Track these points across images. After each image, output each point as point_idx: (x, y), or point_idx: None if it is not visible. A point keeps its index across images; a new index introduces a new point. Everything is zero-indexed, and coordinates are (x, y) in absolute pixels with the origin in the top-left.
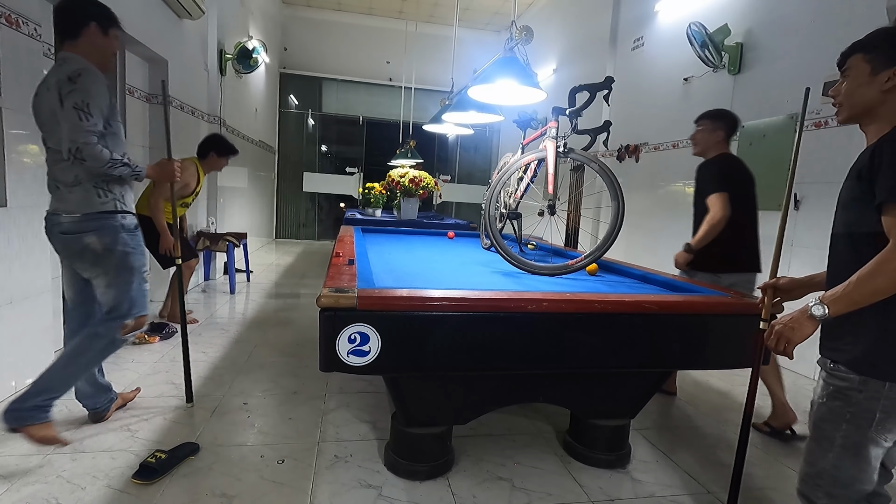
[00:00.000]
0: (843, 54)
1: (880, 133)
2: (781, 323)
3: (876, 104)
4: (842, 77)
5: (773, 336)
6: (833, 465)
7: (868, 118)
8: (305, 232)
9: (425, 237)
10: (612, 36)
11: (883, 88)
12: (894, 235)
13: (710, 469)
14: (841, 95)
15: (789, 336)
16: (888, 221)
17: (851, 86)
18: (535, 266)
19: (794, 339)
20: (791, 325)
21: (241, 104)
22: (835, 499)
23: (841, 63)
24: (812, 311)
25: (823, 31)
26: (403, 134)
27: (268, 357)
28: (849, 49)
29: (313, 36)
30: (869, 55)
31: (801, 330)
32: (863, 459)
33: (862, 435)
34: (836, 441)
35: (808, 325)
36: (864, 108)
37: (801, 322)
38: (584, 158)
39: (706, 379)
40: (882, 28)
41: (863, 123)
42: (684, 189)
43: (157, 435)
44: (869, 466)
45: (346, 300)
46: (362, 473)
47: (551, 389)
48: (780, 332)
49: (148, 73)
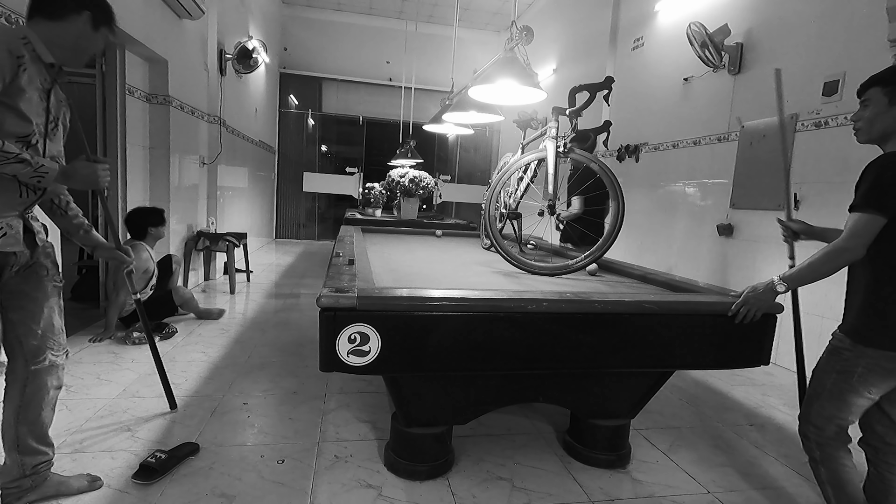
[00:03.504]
0: (862, 85)
1: None
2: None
3: (892, 130)
4: (861, 105)
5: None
6: (820, 403)
7: (884, 140)
8: (305, 232)
9: (425, 237)
10: (612, 36)
11: None
12: (847, 232)
13: (710, 469)
14: (862, 121)
15: (755, 304)
16: (850, 219)
17: (871, 114)
18: (535, 266)
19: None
20: (758, 295)
21: (241, 104)
22: (818, 428)
23: (861, 93)
24: (777, 287)
25: (823, 31)
26: (403, 134)
27: (268, 357)
28: (868, 81)
29: (313, 36)
30: (886, 88)
31: (765, 300)
32: (843, 402)
33: (846, 383)
34: (827, 386)
35: (771, 297)
36: (882, 133)
37: (767, 293)
38: (585, 158)
39: (706, 379)
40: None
41: (880, 144)
42: (684, 189)
43: (157, 435)
44: (847, 409)
45: (346, 300)
46: (362, 473)
47: (551, 389)
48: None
49: (148, 73)
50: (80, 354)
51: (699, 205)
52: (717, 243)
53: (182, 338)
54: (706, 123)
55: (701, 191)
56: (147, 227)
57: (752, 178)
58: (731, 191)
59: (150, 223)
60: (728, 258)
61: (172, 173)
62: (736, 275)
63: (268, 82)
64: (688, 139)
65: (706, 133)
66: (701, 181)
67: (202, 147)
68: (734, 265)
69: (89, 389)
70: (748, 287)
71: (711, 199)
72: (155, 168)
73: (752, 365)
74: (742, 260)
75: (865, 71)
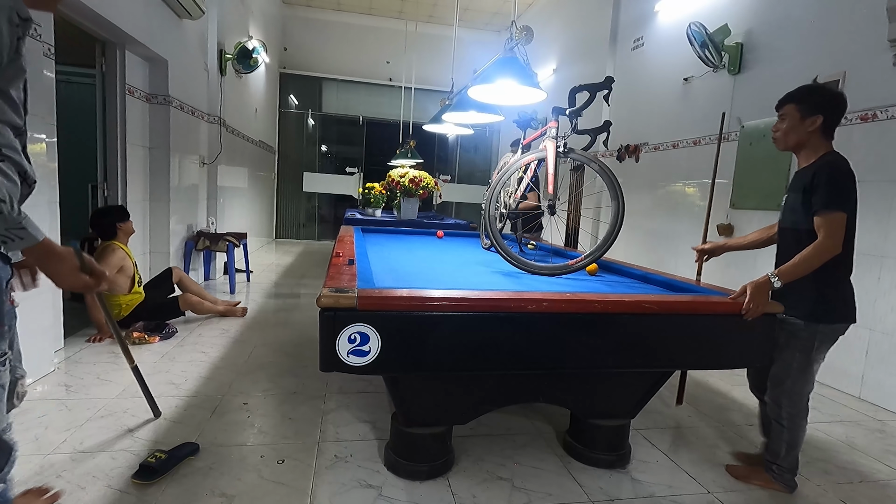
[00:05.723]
0: (780, 101)
1: (808, 159)
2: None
3: (804, 140)
4: (779, 118)
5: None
6: (792, 381)
7: (799, 149)
8: (305, 232)
9: (426, 237)
10: (612, 36)
11: (809, 129)
12: (822, 232)
13: (710, 469)
14: (779, 132)
15: (757, 296)
16: (818, 222)
17: (787, 127)
18: (535, 266)
19: (761, 301)
20: (758, 290)
21: (241, 104)
22: (793, 403)
23: (778, 108)
24: (773, 282)
25: (823, 31)
26: (403, 134)
27: (268, 357)
28: (785, 98)
29: (313, 36)
30: (799, 105)
31: (765, 294)
32: (809, 374)
33: (808, 358)
34: (794, 366)
35: (767, 291)
36: (796, 143)
37: (765, 288)
38: (584, 158)
39: (706, 379)
40: (807, 85)
41: (795, 152)
42: (684, 189)
43: (157, 435)
44: (811, 379)
45: (346, 300)
46: (362, 473)
47: (551, 389)
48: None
49: (148, 73)
50: (79, 354)
51: (699, 205)
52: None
53: (182, 338)
54: (706, 123)
55: (701, 191)
56: (115, 225)
57: (752, 178)
58: (731, 191)
59: (116, 220)
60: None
61: (172, 173)
62: (736, 275)
63: (268, 82)
64: (688, 139)
65: (706, 133)
66: (701, 181)
67: (202, 147)
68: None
69: (89, 389)
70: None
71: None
72: (155, 168)
73: (752, 365)
74: (742, 260)
75: (865, 71)
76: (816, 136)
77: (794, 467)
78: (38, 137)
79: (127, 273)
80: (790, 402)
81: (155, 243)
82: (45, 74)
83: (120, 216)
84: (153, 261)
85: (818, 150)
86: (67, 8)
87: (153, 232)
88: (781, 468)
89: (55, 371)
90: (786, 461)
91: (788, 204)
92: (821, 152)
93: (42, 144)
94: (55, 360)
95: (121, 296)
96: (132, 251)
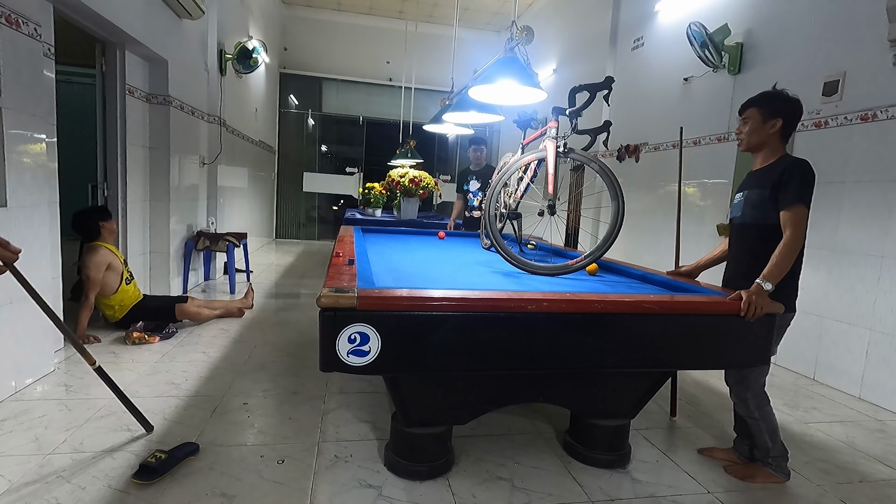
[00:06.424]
0: (742, 105)
1: (767, 159)
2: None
3: (765, 141)
4: (742, 121)
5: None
6: (756, 374)
7: (759, 149)
8: (305, 232)
9: (426, 237)
10: (612, 36)
11: (769, 132)
12: (790, 227)
13: (710, 469)
14: (743, 134)
15: (759, 303)
16: (786, 216)
17: (749, 129)
18: (535, 266)
19: (762, 305)
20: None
21: (241, 104)
22: (756, 394)
23: (741, 112)
24: (765, 286)
25: (823, 31)
26: (403, 134)
27: (268, 357)
28: (748, 102)
29: (313, 36)
30: (761, 109)
31: (764, 299)
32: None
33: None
34: None
35: (766, 296)
36: (758, 144)
37: (762, 294)
38: (584, 158)
39: (706, 379)
40: (768, 91)
41: (756, 152)
42: (684, 189)
43: (157, 435)
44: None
45: (346, 300)
46: (362, 473)
47: (551, 389)
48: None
49: (148, 73)
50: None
51: (699, 205)
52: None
53: (182, 338)
54: (706, 123)
55: (701, 191)
56: (98, 224)
57: None
58: (731, 191)
59: (99, 219)
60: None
61: (172, 173)
62: None
63: (268, 82)
64: (688, 139)
65: (706, 133)
66: (701, 181)
67: (202, 147)
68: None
69: (89, 389)
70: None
71: (711, 199)
72: (155, 168)
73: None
74: None
75: (865, 71)
76: (776, 139)
77: (785, 452)
78: (38, 137)
79: (116, 270)
80: (753, 393)
81: (155, 243)
82: (45, 74)
83: (102, 215)
84: (153, 261)
85: (776, 152)
86: (67, 8)
87: (153, 232)
88: (776, 458)
89: (55, 371)
90: (775, 449)
91: (749, 200)
92: (779, 154)
93: (42, 144)
94: (55, 360)
95: (113, 296)
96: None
